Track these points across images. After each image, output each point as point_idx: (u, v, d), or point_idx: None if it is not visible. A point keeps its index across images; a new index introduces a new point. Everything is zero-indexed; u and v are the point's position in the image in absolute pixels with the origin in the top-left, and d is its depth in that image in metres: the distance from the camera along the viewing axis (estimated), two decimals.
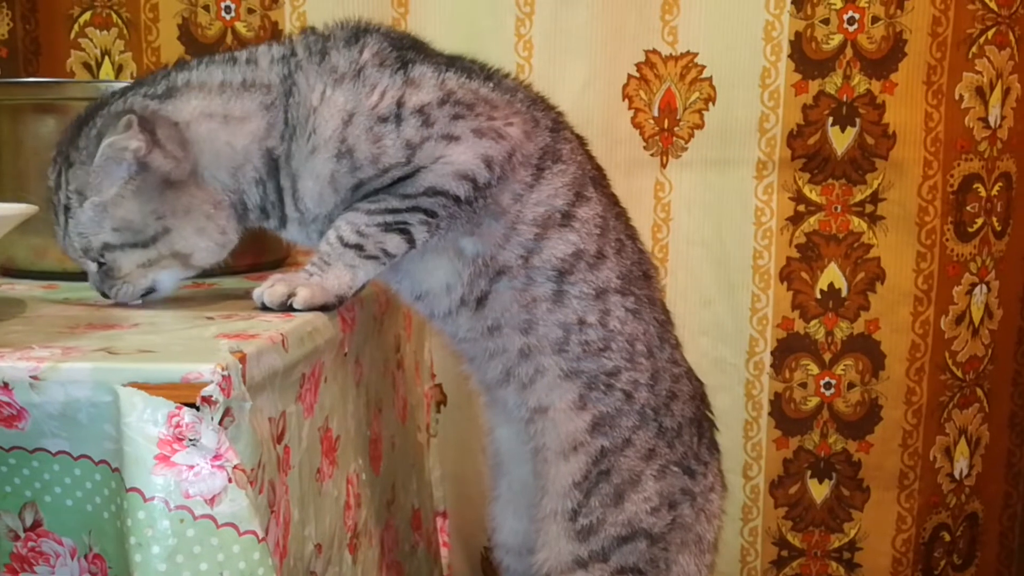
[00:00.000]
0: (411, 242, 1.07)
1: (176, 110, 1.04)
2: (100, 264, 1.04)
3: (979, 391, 1.83)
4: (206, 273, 1.23)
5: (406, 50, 1.09)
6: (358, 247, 1.05)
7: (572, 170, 1.13)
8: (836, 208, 1.75)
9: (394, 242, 1.06)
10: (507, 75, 1.16)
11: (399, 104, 1.04)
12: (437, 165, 1.05)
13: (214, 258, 1.07)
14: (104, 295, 1.06)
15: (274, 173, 1.07)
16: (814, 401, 1.81)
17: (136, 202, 1.01)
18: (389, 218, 1.05)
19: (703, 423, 1.22)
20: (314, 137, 1.04)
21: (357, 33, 1.09)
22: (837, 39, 1.70)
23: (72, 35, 1.80)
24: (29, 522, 0.81)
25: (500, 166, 1.07)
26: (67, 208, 1.03)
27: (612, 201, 1.19)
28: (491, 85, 1.10)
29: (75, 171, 1.02)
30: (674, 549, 1.17)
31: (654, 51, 1.72)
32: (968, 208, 1.76)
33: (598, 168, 1.19)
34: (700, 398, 1.24)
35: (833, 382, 1.80)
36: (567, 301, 1.12)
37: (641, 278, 1.18)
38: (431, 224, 1.07)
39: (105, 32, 1.80)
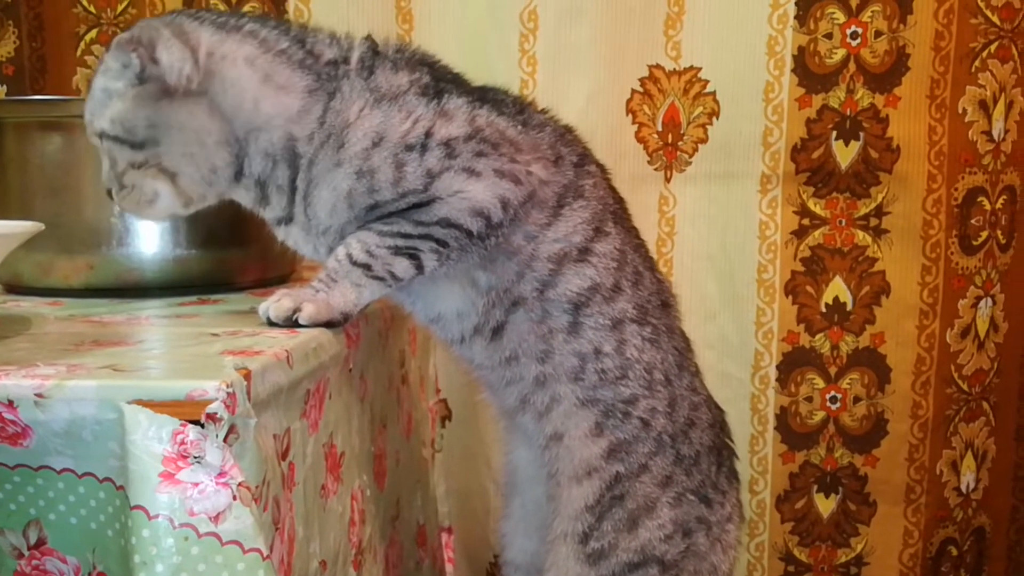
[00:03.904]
0: (419, 268, 1.07)
1: (220, 40, 1.04)
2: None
3: (985, 404, 1.83)
4: (210, 289, 1.24)
5: (446, 83, 1.10)
6: (366, 266, 1.05)
7: (592, 206, 1.13)
8: (840, 222, 1.75)
9: (402, 266, 1.06)
10: (540, 110, 1.17)
11: (427, 134, 1.05)
12: (454, 198, 1.05)
13: (200, 191, 1.07)
14: (110, 195, 1.07)
15: (291, 163, 1.06)
16: (820, 415, 1.81)
17: (132, 104, 1.02)
18: (400, 242, 1.06)
19: (723, 451, 1.21)
20: (342, 151, 1.05)
21: (408, 60, 1.10)
22: (840, 53, 1.70)
23: (78, 53, 1.81)
24: (33, 540, 0.80)
25: (515, 209, 1.07)
26: (90, 82, 1.06)
27: (632, 234, 1.19)
28: (519, 125, 1.10)
29: (109, 48, 1.04)
30: None
31: (658, 66, 1.73)
32: (973, 221, 1.75)
33: (619, 200, 1.19)
34: (720, 426, 1.23)
35: (839, 396, 1.80)
36: (583, 332, 1.11)
37: (660, 307, 1.18)
38: (441, 254, 1.07)
39: None
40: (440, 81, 1.10)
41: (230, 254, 1.28)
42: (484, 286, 1.11)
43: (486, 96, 1.11)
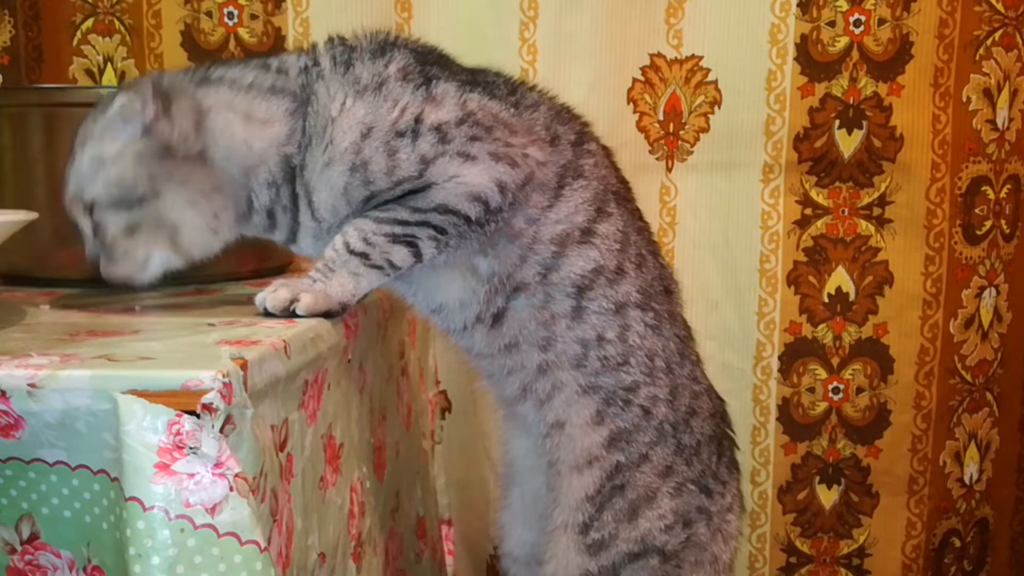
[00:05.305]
0: (418, 256, 1.06)
1: (202, 96, 1.05)
2: (95, 230, 1.04)
3: (989, 395, 1.82)
4: (209, 279, 1.23)
5: (430, 65, 1.08)
6: (364, 255, 1.04)
7: (594, 185, 1.12)
8: (843, 211, 1.74)
9: (400, 254, 1.05)
10: (532, 87, 1.15)
11: (417, 120, 1.03)
12: (450, 184, 1.04)
13: (202, 242, 1.06)
14: (94, 263, 1.05)
15: (290, 179, 1.06)
16: (822, 406, 1.80)
17: (133, 162, 1.01)
18: (398, 229, 1.04)
19: (723, 442, 1.21)
20: (331, 148, 1.04)
21: (384, 46, 1.09)
22: (843, 41, 1.69)
23: (75, 42, 1.80)
24: (26, 535, 0.80)
25: (513, 192, 1.06)
26: (72, 154, 1.04)
27: (635, 216, 1.17)
28: (512, 107, 1.09)
29: (89, 121, 1.04)
30: (687, 568, 1.15)
31: (659, 55, 1.71)
32: (976, 211, 1.74)
33: (622, 181, 1.18)
34: (721, 416, 1.22)
35: (841, 387, 1.79)
36: (586, 317, 1.10)
37: (662, 293, 1.17)
38: (440, 241, 1.06)
39: (108, 39, 1.79)
40: (425, 64, 1.08)
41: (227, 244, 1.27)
42: (486, 273, 1.10)
43: (476, 79, 1.10)
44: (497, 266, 1.09)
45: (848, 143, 1.72)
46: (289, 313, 1.00)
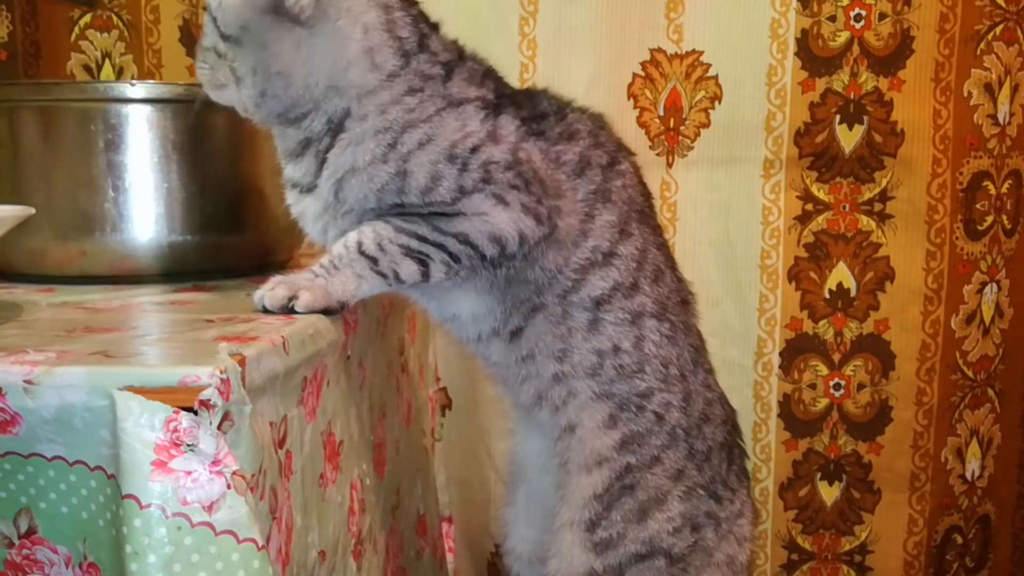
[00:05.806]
0: (425, 276, 1.06)
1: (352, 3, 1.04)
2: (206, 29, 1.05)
3: (990, 391, 1.81)
4: (206, 275, 1.23)
5: (504, 98, 1.09)
6: (373, 260, 1.04)
7: (619, 207, 1.13)
8: (844, 207, 1.73)
9: (409, 269, 1.05)
10: (573, 106, 1.15)
11: (473, 150, 1.04)
12: (477, 219, 1.04)
13: (251, 107, 1.06)
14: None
15: (335, 135, 1.05)
16: (823, 402, 1.79)
17: (244, 2, 1.02)
18: (414, 244, 1.04)
19: (734, 450, 1.21)
20: (394, 150, 1.04)
21: (483, 75, 1.10)
22: (844, 36, 1.68)
23: (72, 37, 1.79)
24: (24, 529, 0.79)
25: (529, 246, 1.07)
26: None
27: (655, 233, 1.18)
28: (555, 143, 1.10)
29: None
30: (692, 573, 1.15)
31: (659, 50, 1.71)
32: (978, 206, 1.74)
33: (646, 196, 1.18)
34: (732, 424, 1.22)
35: (843, 383, 1.78)
36: (602, 328, 1.11)
37: (678, 304, 1.18)
38: (451, 268, 1.06)
39: (106, 34, 1.79)
40: (501, 98, 1.09)
41: (226, 240, 1.27)
42: (500, 295, 1.11)
43: (535, 114, 1.11)
44: (511, 297, 1.10)
45: (849, 138, 1.71)
46: (287, 310, 0.99)
